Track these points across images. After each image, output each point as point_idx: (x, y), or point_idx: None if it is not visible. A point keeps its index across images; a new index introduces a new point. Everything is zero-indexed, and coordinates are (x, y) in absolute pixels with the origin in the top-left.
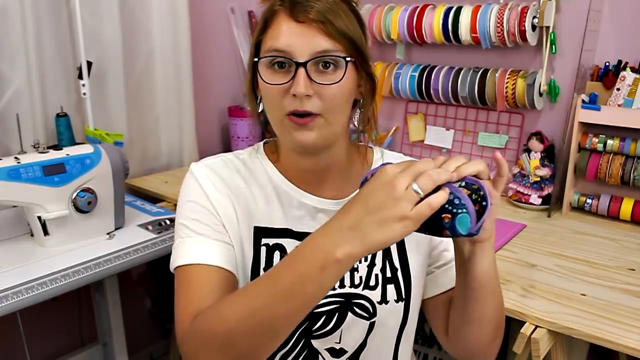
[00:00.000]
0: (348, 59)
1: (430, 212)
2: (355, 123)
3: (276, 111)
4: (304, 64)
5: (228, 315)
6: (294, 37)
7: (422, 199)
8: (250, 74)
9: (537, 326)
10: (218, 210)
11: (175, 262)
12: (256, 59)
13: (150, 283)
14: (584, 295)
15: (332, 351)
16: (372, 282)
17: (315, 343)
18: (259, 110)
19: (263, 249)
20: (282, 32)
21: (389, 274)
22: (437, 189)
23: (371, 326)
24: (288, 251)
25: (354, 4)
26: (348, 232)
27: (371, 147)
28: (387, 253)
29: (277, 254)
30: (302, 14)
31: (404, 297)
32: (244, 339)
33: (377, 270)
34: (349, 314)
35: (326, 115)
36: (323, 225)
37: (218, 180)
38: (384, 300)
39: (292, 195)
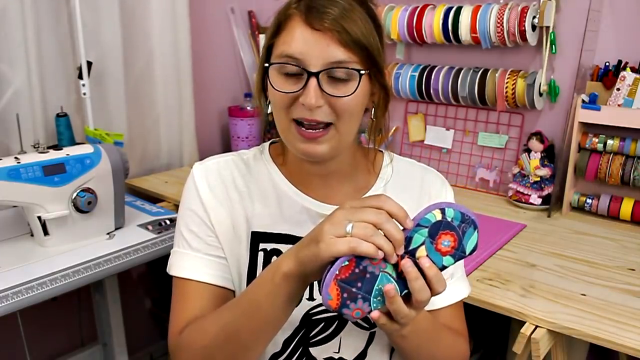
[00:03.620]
0: (362, 72)
1: (343, 249)
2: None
3: (283, 117)
4: (317, 74)
5: (205, 331)
6: (308, 45)
7: None
8: (260, 77)
9: (537, 326)
10: (212, 220)
11: (170, 269)
12: (267, 64)
13: (150, 283)
14: (584, 295)
15: None
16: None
17: (313, 351)
18: (268, 112)
19: (260, 254)
20: (296, 38)
21: None
22: None
23: (371, 336)
24: None
25: (372, 7)
26: (295, 251)
27: (381, 151)
28: None
29: (274, 260)
30: (317, 21)
31: None
32: (218, 353)
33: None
34: (349, 322)
35: (338, 125)
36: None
37: (217, 184)
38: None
39: (295, 199)
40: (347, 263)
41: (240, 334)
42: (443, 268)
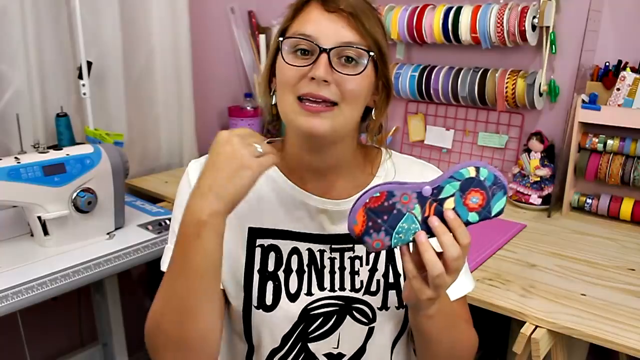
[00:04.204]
0: (371, 53)
1: (272, 161)
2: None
3: (288, 95)
4: (328, 51)
5: (154, 310)
6: (322, 24)
7: None
8: (269, 62)
9: (537, 326)
10: None
11: (162, 265)
12: (281, 38)
13: (150, 283)
14: (584, 295)
15: (330, 356)
16: (373, 288)
17: (312, 347)
18: (272, 103)
19: (258, 250)
20: (311, 19)
21: (391, 280)
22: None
23: (370, 331)
24: (283, 253)
25: (379, 13)
26: (207, 194)
27: (379, 148)
28: (390, 258)
29: (272, 255)
30: (333, 5)
31: (405, 303)
32: (167, 324)
33: (379, 275)
34: (347, 317)
35: (342, 106)
36: (191, 195)
37: None
38: (384, 306)
39: (293, 195)
40: (378, 194)
41: (181, 297)
42: (467, 223)
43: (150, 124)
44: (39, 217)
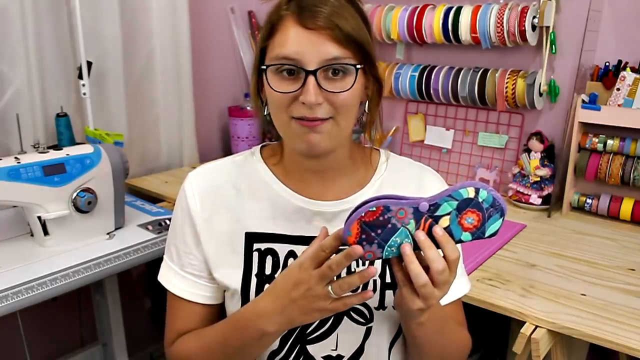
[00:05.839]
0: (358, 66)
1: (344, 308)
2: (361, 123)
3: (283, 116)
4: (314, 72)
5: (193, 353)
6: (303, 45)
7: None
8: (255, 78)
9: (537, 326)
10: (201, 237)
11: (160, 278)
12: (264, 67)
13: (150, 283)
14: (584, 295)
15: (329, 358)
16: (370, 287)
17: (310, 349)
18: (265, 113)
19: (255, 254)
20: (290, 39)
21: (388, 280)
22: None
23: (368, 331)
24: (280, 256)
25: (359, 4)
26: (277, 316)
27: (377, 150)
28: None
29: (269, 259)
30: (310, 21)
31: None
32: None
33: (376, 275)
34: (345, 318)
35: (337, 118)
36: (259, 304)
37: (208, 191)
38: (381, 306)
39: (287, 199)
40: (374, 209)
41: None
42: (459, 241)
43: (150, 124)
44: (39, 217)
